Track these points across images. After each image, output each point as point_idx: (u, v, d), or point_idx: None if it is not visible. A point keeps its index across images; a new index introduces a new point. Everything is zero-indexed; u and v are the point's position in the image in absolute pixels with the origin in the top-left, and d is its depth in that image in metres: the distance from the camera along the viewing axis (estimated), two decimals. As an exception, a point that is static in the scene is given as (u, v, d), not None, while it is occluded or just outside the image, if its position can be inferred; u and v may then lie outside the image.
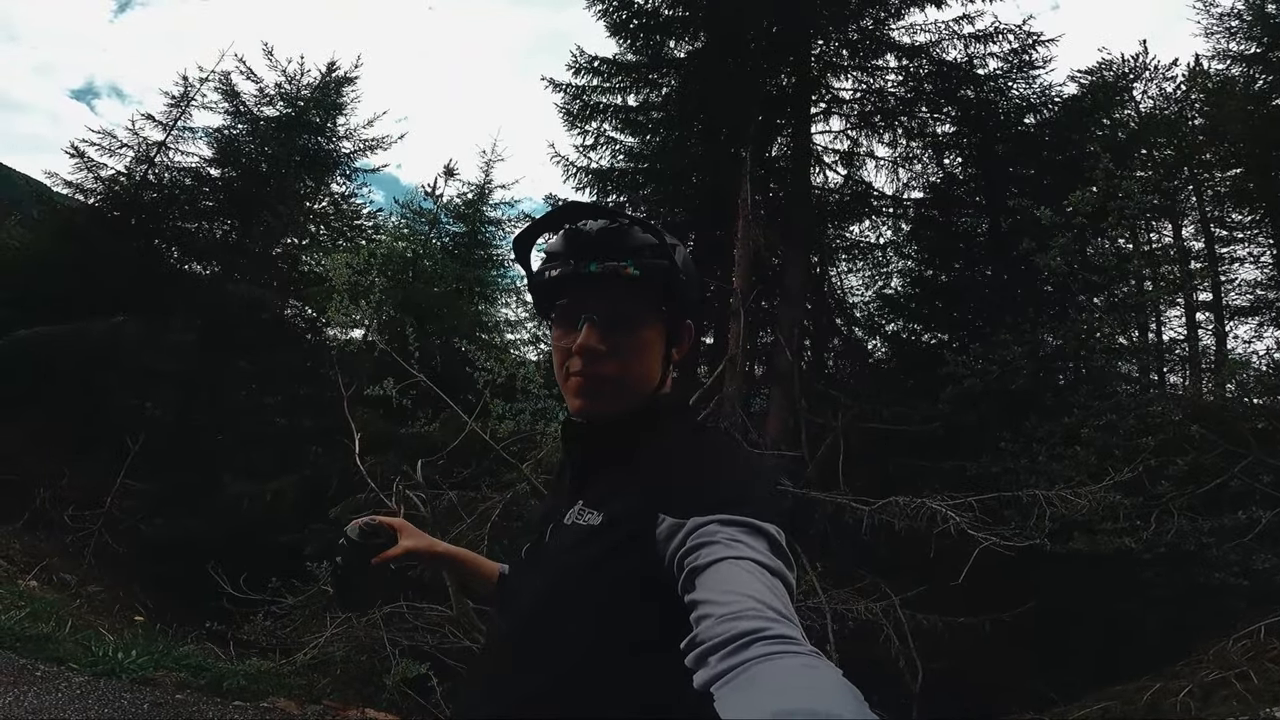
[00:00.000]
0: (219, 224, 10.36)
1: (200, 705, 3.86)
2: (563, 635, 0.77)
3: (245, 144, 10.22)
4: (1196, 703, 4.09)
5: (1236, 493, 5.84)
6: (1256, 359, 8.17)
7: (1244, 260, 10.00)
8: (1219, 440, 6.02)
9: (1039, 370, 7.21)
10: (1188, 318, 9.63)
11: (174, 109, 9.92)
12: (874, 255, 10.25)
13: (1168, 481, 5.84)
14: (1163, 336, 10.20)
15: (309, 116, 10.64)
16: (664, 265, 0.85)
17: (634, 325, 0.85)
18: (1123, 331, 8.42)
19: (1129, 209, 6.44)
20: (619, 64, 8.81)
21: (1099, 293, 7.63)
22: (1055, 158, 8.46)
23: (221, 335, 8.94)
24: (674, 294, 0.87)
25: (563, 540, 0.83)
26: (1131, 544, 5.49)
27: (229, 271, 9.61)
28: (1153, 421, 6.20)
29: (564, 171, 9.49)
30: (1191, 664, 4.69)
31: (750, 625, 0.55)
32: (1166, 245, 9.66)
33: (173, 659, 4.41)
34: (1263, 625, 4.73)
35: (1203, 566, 5.61)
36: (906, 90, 8.58)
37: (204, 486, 8.10)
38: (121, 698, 3.68)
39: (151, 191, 9.69)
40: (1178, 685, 4.34)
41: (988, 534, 4.98)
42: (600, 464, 0.87)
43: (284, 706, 4.18)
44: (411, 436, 6.93)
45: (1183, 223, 10.08)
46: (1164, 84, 10.56)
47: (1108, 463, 6.00)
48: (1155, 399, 7.01)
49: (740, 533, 0.66)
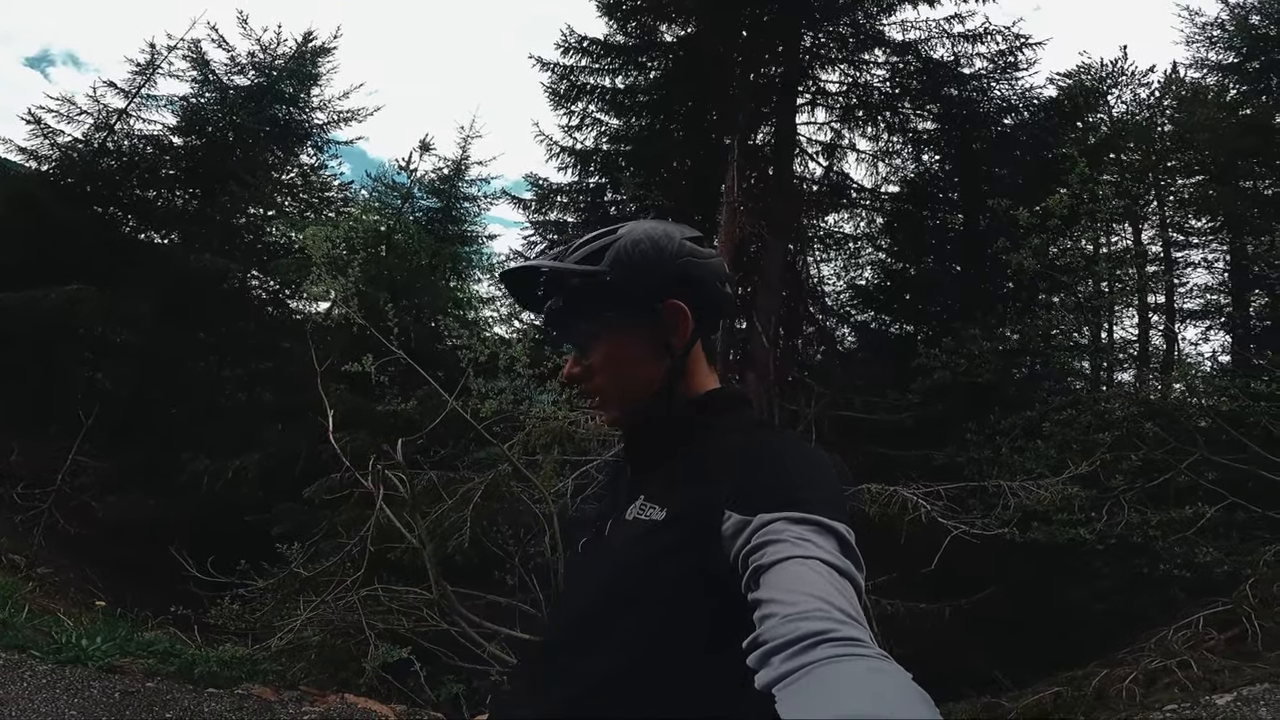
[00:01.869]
0: (180, 193, 9.98)
1: (174, 693, 3.74)
2: (622, 631, 0.76)
3: (212, 113, 9.85)
4: (1140, 689, 4.35)
5: (1183, 488, 6.19)
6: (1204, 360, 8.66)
7: (1198, 265, 10.51)
8: (1169, 437, 6.37)
9: (1003, 365, 7.47)
10: (1141, 318, 10.09)
11: (138, 76, 9.51)
12: (849, 246, 10.41)
13: (1121, 476, 6.15)
14: (1114, 335, 10.71)
15: (281, 86, 10.29)
16: (579, 284, 0.88)
17: (592, 344, 0.89)
18: (1079, 330, 8.80)
19: (1099, 212, 6.67)
20: (609, 45, 8.70)
21: (1062, 292, 7.92)
22: (1028, 159, 8.68)
23: (180, 306, 8.56)
24: (615, 296, 0.87)
25: (624, 535, 0.82)
26: (1085, 535, 5.78)
27: (189, 241, 9.22)
28: (1109, 418, 6.51)
29: (547, 151, 9.41)
30: (1135, 651, 4.95)
31: (816, 626, 0.54)
32: (1126, 248, 10.06)
33: (138, 645, 4.26)
34: (1201, 616, 5.03)
35: (1148, 558, 5.95)
36: (892, 85, 8.67)
37: (161, 463, 7.80)
38: (90, 686, 3.55)
39: (110, 159, 9.28)
40: (1123, 672, 4.61)
41: (956, 522, 5.20)
42: (660, 459, 0.87)
43: (259, 693, 4.09)
44: (386, 414, 6.79)
45: (1143, 226, 10.51)
46: (1139, 89, 10.93)
47: (1066, 456, 6.30)
48: (1110, 395, 7.37)
49: (809, 531, 0.65)
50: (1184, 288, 10.39)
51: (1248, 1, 9.70)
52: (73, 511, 7.04)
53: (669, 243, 0.88)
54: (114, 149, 9.32)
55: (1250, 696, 3.93)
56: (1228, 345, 9.46)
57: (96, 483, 7.36)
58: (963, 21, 8.13)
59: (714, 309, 0.92)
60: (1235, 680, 4.21)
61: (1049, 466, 6.16)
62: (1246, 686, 4.08)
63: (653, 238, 0.88)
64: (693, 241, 0.91)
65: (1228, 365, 8.29)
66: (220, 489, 7.30)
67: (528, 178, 9.77)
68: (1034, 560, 6.34)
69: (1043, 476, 5.91)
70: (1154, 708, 4.10)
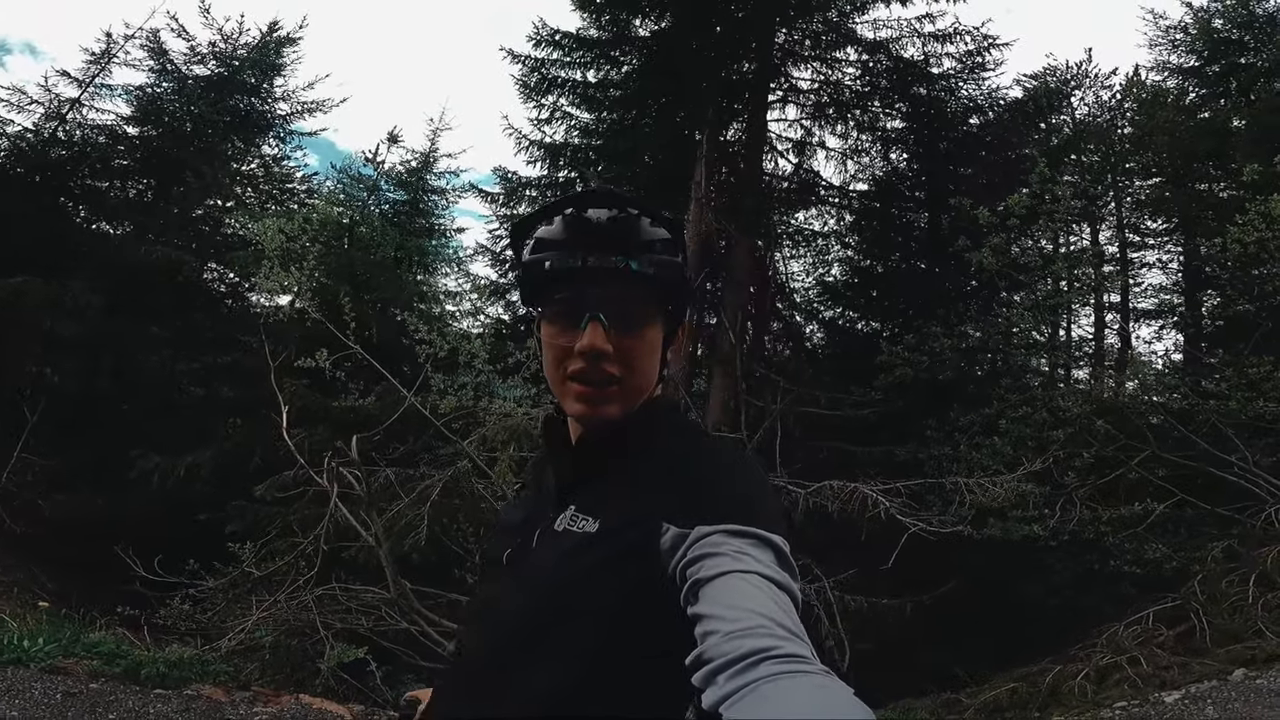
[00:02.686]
0: (134, 184, 9.73)
1: (118, 694, 3.62)
2: (566, 646, 0.74)
3: (169, 103, 9.63)
4: (1092, 686, 4.45)
5: (1133, 484, 6.35)
6: (1156, 359, 8.92)
7: (1153, 265, 10.82)
8: (1120, 435, 6.53)
9: (963, 362, 7.61)
10: (1097, 317, 10.38)
11: (93, 65, 9.26)
12: (817, 243, 10.49)
13: (1073, 473, 6.30)
14: (1071, 334, 10.98)
15: (243, 76, 10.10)
16: (674, 263, 0.81)
17: (642, 326, 0.80)
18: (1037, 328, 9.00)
19: (1058, 213, 6.80)
20: (581, 39, 8.61)
21: (1022, 290, 8.09)
22: (993, 158, 8.82)
23: (132, 299, 8.29)
24: (679, 293, 0.83)
25: (556, 548, 0.79)
26: (1039, 531, 5.91)
27: (142, 233, 8.95)
28: (1063, 415, 6.66)
29: (516, 144, 9.30)
30: (1086, 647, 5.07)
31: (759, 643, 0.53)
32: (1084, 248, 10.30)
33: (83, 646, 4.12)
34: (1151, 611, 5.16)
35: (1099, 554, 6.11)
36: (862, 84, 8.72)
37: (111, 461, 7.55)
38: (32, 688, 3.42)
39: (60, 149, 9.06)
40: (1076, 668, 4.70)
41: (915, 519, 5.28)
42: (593, 467, 0.83)
43: (210, 694, 3.98)
44: (344, 410, 6.67)
45: (1100, 227, 10.78)
46: (1101, 91, 11.17)
47: (1021, 453, 6.44)
48: (1064, 393, 7.55)
49: (747, 544, 0.64)
50: (1139, 287, 10.70)
51: (1211, 6, 9.92)
52: (18, 510, 6.80)
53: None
54: (65, 139, 9.10)
55: (1198, 694, 4.02)
56: (1180, 344, 9.77)
57: (43, 480, 7.11)
58: (934, 21, 8.20)
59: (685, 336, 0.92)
60: (1184, 677, 4.31)
61: (1005, 463, 6.30)
62: (1195, 684, 4.17)
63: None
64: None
65: (1179, 364, 8.55)
66: (171, 487, 7.10)
67: (496, 171, 9.66)
68: (992, 556, 6.47)
69: (999, 473, 6.04)
70: (1105, 704, 4.19)
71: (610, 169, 8.92)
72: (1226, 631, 4.79)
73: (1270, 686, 3.90)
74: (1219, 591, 5.14)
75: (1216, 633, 4.82)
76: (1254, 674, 4.13)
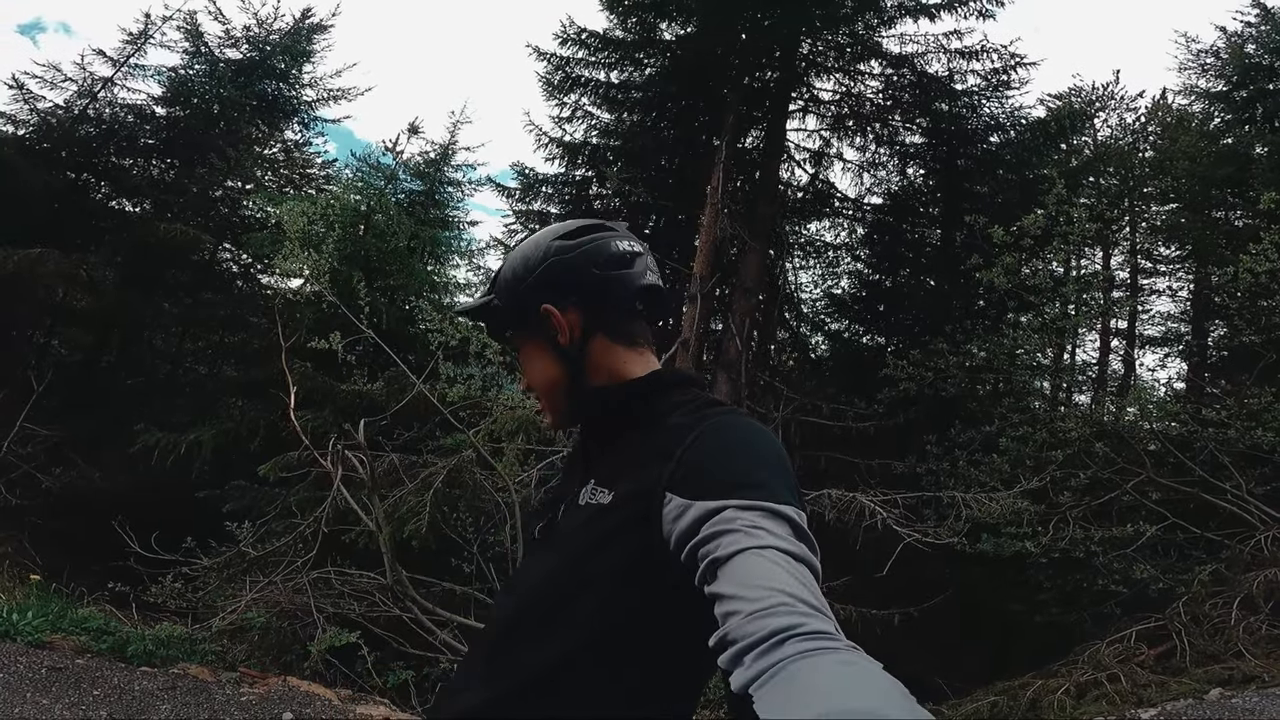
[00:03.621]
0: (157, 163, 9.82)
1: (104, 671, 3.65)
2: (571, 615, 0.77)
3: (199, 84, 9.73)
4: (1072, 701, 4.48)
5: (1126, 506, 6.38)
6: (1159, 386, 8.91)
7: (1162, 293, 10.79)
8: (1117, 458, 6.55)
9: (967, 379, 7.62)
10: (1102, 342, 10.36)
11: (129, 45, 9.34)
12: (828, 255, 10.51)
13: (1069, 492, 6.32)
14: (1076, 357, 10.97)
15: (273, 62, 10.15)
16: (485, 315, 1.02)
17: (518, 361, 1.00)
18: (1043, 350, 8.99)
19: (1072, 234, 6.81)
20: (607, 39, 8.62)
21: (1030, 311, 8.08)
22: (1011, 178, 8.77)
23: (146, 275, 8.36)
24: (504, 320, 0.96)
25: (574, 520, 0.83)
26: (1031, 548, 5.93)
27: (161, 211, 9.03)
28: (1062, 436, 6.68)
29: (536, 141, 9.32)
30: (1069, 664, 5.09)
31: (783, 621, 0.53)
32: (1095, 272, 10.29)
33: (70, 622, 4.14)
34: (1134, 630, 5.19)
35: (1088, 573, 6.13)
36: (884, 97, 8.71)
37: (112, 435, 7.58)
38: (17, 662, 3.45)
39: (89, 126, 9.16)
40: (1056, 684, 4.74)
41: (910, 530, 5.30)
42: (608, 442, 0.88)
43: (195, 673, 4.01)
44: (352, 394, 6.69)
45: (1113, 251, 10.76)
46: (1125, 114, 11.10)
47: (1019, 471, 6.47)
48: (1065, 415, 7.55)
49: (760, 517, 0.63)
50: (1147, 314, 10.67)
51: (1246, 31, 9.82)
52: (16, 481, 6.82)
53: (535, 251, 0.92)
54: (94, 116, 9.20)
55: (1173, 712, 4.06)
56: (1183, 373, 9.75)
57: (44, 452, 7.14)
58: (961, 38, 8.16)
59: (596, 294, 0.89)
60: (1160, 695, 4.36)
61: (1002, 480, 6.32)
62: (1170, 702, 4.22)
63: (523, 253, 0.93)
64: (569, 235, 0.91)
65: (1181, 392, 8.55)
66: (172, 464, 7.13)
67: (514, 166, 9.70)
68: (983, 572, 6.49)
69: (995, 490, 6.06)
70: (1083, 718, 4.24)
71: (627, 170, 8.96)
72: (1206, 652, 4.82)
73: (1244, 705, 3.95)
74: (1202, 613, 5.16)
75: (1196, 653, 4.85)
76: (1230, 693, 4.17)
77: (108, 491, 6.64)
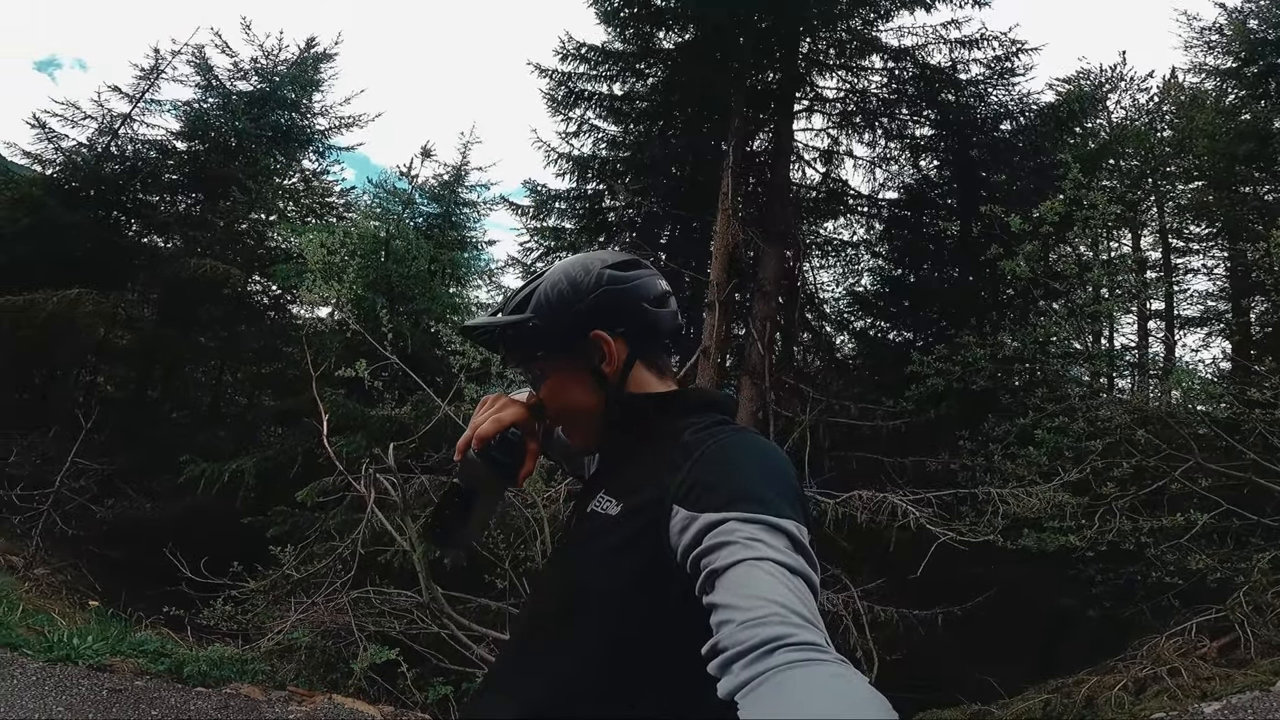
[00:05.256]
0: (183, 198, 10.10)
1: (161, 692, 3.79)
2: (582, 627, 0.78)
3: (215, 118, 9.99)
4: (1130, 697, 4.32)
5: (1176, 495, 6.14)
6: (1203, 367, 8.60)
7: (1197, 272, 10.45)
8: (1162, 445, 6.33)
9: (998, 371, 7.46)
10: (1140, 325, 10.06)
11: (142, 81, 9.67)
12: (846, 253, 10.43)
13: (1112, 483, 6.12)
14: (1114, 342, 10.66)
15: (284, 92, 10.42)
16: (513, 334, 0.94)
17: (539, 383, 0.96)
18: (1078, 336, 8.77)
19: (1094, 218, 6.65)
20: (607, 52, 8.71)
21: (1059, 298, 7.90)
22: (1027, 164, 8.64)
23: (181, 310, 8.67)
24: (539, 340, 0.93)
25: (584, 530, 0.85)
26: (1076, 542, 5.75)
27: (191, 246, 9.33)
28: (1101, 425, 6.48)
29: (545, 157, 9.43)
30: (1127, 659, 4.91)
31: (773, 631, 0.54)
32: (1124, 254, 10.03)
33: (129, 645, 4.31)
34: (1194, 623, 4.99)
35: (1142, 565, 5.92)
36: (889, 91, 8.66)
37: (159, 466, 7.87)
38: (79, 685, 3.60)
39: (113, 163, 9.44)
40: (1113, 680, 4.58)
41: (945, 529, 5.20)
42: (620, 455, 0.91)
43: (247, 692, 4.13)
44: (381, 418, 6.83)
45: (1142, 233, 10.48)
46: (1138, 95, 10.89)
47: (1058, 463, 6.28)
48: (1105, 403, 7.33)
49: (759, 530, 0.64)
50: (1184, 294, 10.34)
51: (1245, 6, 9.66)
52: (71, 513, 7.12)
53: (586, 277, 0.92)
54: (118, 153, 9.48)
55: (1238, 705, 3.91)
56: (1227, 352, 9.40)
57: (95, 485, 7.44)
58: (959, 27, 8.13)
59: (646, 328, 0.93)
60: (1225, 688, 4.18)
61: (1040, 473, 6.15)
62: (1235, 694, 4.06)
63: (570, 276, 0.93)
64: (620, 266, 0.94)
65: (1226, 372, 8.24)
66: (217, 492, 7.37)
67: (526, 184, 9.82)
68: (1027, 568, 6.31)
69: (1034, 483, 5.91)
70: (1142, 716, 4.09)
71: (638, 180, 9.03)
72: (1272, 642, 4.63)
73: (1314, 696, 3.76)
74: (1265, 602, 4.97)
75: (1261, 644, 4.66)
76: (1296, 684, 3.98)
77: (158, 520, 6.89)
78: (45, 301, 7.48)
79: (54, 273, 7.93)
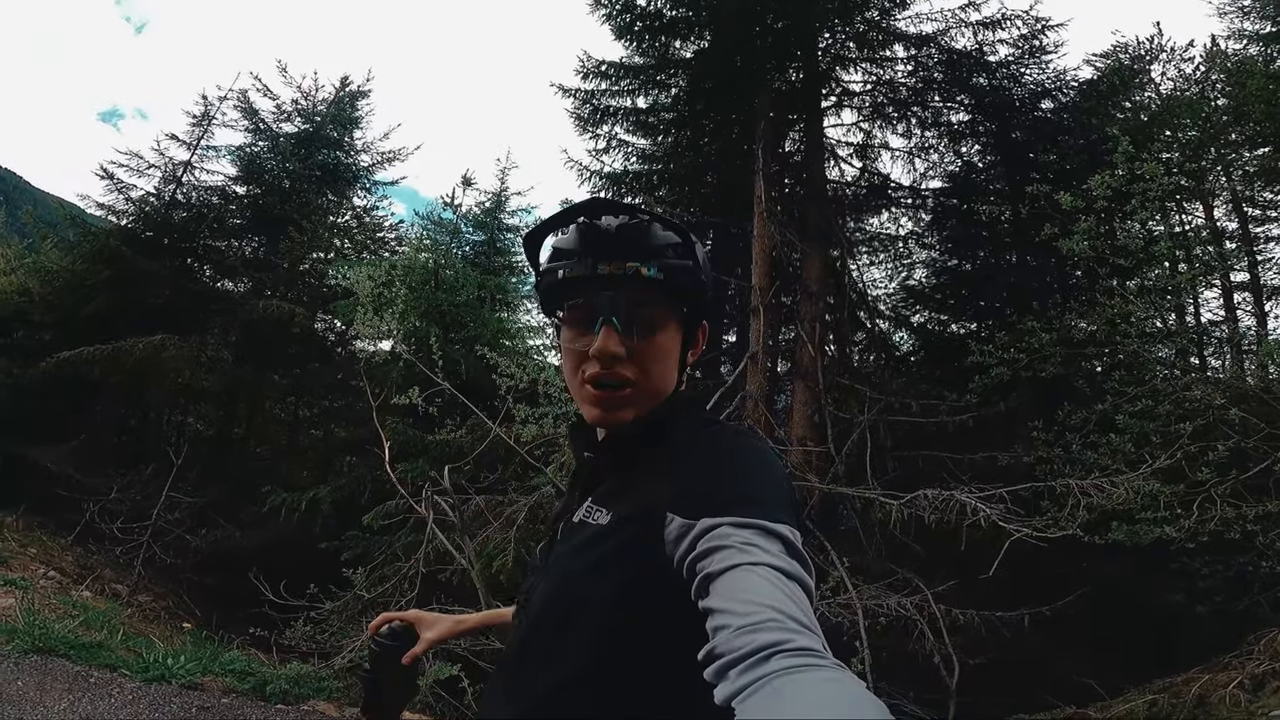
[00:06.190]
0: (247, 241, 10.69)
1: (244, 709, 3.99)
2: (575, 637, 0.76)
3: (267, 160, 10.54)
4: (1246, 695, 3.94)
5: (1283, 477, 5.60)
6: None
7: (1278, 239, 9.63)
8: (1262, 424, 5.79)
9: (1071, 357, 7.04)
10: (1225, 299, 9.30)
11: (196, 128, 10.33)
12: (895, 247, 10.13)
13: (1208, 468, 5.63)
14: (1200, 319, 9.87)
15: (326, 131, 10.94)
16: (687, 266, 0.82)
17: (654, 329, 0.82)
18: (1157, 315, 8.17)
19: (1152, 191, 6.25)
20: (626, 67, 8.77)
21: (1130, 277, 7.41)
22: (1076, 142, 8.25)
23: (255, 351, 9.21)
24: (695, 296, 0.84)
25: (571, 540, 0.82)
26: (1173, 533, 5.31)
27: (259, 288, 9.89)
28: (1191, 407, 6.00)
29: (578, 176, 9.55)
30: (1242, 655, 4.52)
31: (771, 637, 0.53)
32: (1196, 227, 9.34)
33: (219, 664, 4.58)
34: (1316, 613, 4.55)
35: (1253, 555, 5.41)
36: (917, 80, 8.45)
37: (245, 497, 8.37)
38: (171, 703, 3.82)
39: (181, 211, 10.06)
40: (1227, 677, 4.20)
41: (1019, 525, 4.89)
42: (610, 463, 0.86)
43: (323, 709, 4.30)
44: (439, 443, 7.05)
45: (1214, 203, 9.76)
46: (1182, 65, 10.28)
47: (1145, 450, 5.84)
48: (1194, 383, 6.78)
49: (754, 535, 0.64)
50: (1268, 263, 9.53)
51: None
52: (168, 543, 7.65)
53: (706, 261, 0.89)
54: (184, 200, 10.09)
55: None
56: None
57: (189, 517, 7.97)
58: (977, 9, 7.88)
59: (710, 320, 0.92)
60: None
61: (1125, 462, 5.73)
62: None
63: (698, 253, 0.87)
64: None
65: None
66: (297, 520, 7.77)
67: (564, 204, 9.99)
68: (1124, 563, 5.86)
69: (1119, 472, 5.50)
70: (1261, 714, 3.71)
71: (673, 191, 9.06)
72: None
73: None
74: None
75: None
76: None
77: (246, 547, 7.32)
78: (132, 348, 8.09)
79: (137, 321, 8.54)
